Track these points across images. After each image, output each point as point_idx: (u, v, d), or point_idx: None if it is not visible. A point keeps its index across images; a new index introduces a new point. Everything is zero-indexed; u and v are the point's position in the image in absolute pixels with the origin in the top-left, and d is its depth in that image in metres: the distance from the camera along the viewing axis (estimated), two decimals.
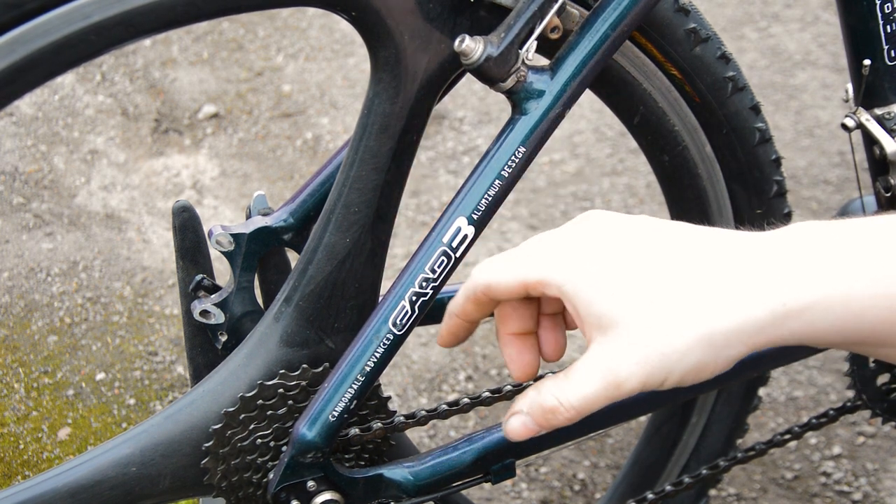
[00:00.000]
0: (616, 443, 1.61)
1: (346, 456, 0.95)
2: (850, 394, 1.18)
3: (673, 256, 0.61)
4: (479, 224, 0.84)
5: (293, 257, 0.93)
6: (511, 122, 0.84)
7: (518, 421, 0.65)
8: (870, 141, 1.04)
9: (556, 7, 0.82)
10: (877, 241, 0.58)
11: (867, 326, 0.58)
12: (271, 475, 0.91)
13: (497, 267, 0.67)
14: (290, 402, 0.90)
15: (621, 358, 0.60)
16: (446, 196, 2.04)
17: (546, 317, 0.72)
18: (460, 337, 0.75)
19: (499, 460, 0.97)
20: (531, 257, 0.65)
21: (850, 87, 1.05)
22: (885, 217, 0.60)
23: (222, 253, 0.92)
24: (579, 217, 0.66)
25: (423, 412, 0.94)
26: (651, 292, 0.60)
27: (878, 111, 1.02)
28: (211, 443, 0.89)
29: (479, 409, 1.65)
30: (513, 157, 0.84)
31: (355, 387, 0.86)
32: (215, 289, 0.95)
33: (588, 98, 1.11)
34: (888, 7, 0.98)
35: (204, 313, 0.93)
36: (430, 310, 0.87)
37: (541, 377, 0.69)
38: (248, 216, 0.95)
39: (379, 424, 0.93)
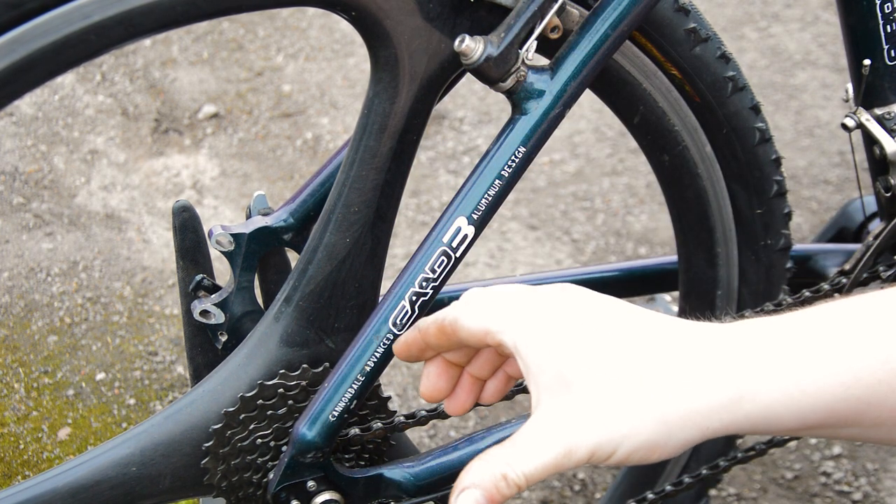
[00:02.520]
0: None
1: (346, 456, 0.95)
2: None
3: (633, 337, 0.61)
4: (479, 224, 0.84)
5: (293, 257, 0.93)
6: (511, 122, 0.84)
7: (470, 497, 0.61)
8: (870, 141, 1.04)
9: (556, 7, 0.82)
10: (826, 328, 0.59)
11: (824, 408, 0.58)
12: (271, 475, 0.91)
13: (472, 308, 0.66)
14: (291, 401, 0.90)
15: (572, 425, 0.59)
16: (446, 196, 2.04)
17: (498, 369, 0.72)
18: (412, 354, 0.74)
19: None
20: (498, 309, 0.64)
21: (850, 87, 1.05)
22: (834, 305, 0.61)
23: (222, 253, 0.92)
24: (556, 286, 0.65)
25: (423, 412, 0.94)
26: (608, 366, 0.59)
27: (878, 111, 1.02)
28: (211, 443, 0.89)
29: (479, 409, 1.65)
30: (513, 157, 0.84)
31: (355, 387, 0.86)
32: (215, 289, 0.95)
33: (588, 98, 1.11)
34: (888, 7, 0.98)
35: (204, 313, 0.93)
36: (431, 310, 0.87)
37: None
38: (248, 216, 0.95)
39: (379, 424, 0.93)
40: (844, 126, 1.03)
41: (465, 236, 0.84)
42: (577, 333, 0.61)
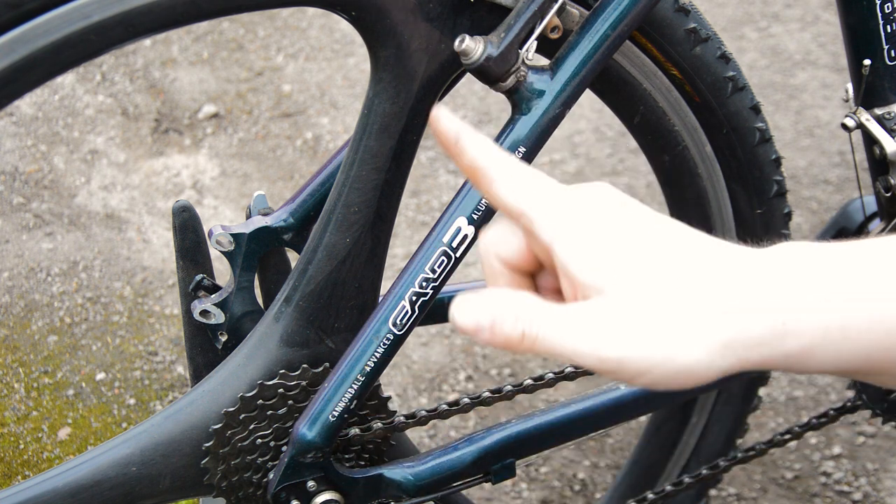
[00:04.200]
0: (616, 443, 1.61)
1: (347, 456, 0.95)
2: (850, 393, 1.18)
3: (676, 251, 0.58)
4: (480, 224, 0.84)
5: (293, 257, 0.93)
6: (511, 122, 0.84)
7: (471, 319, 0.58)
8: (870, 141, 1.04)
9: (556, 7, 0.82)
10: (873, 265, 0.57)
11: (863, 354, 0.56)
12: (271, 475, 0.91)
13: (514, 180, 0.60)
14: (291, 401, 0.90)
15: (608, 329, 0.55)
16: (446, 196, 2.04)
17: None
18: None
19: (499, 460, 0.97)
20: (537, 192, 0.59)
21: (850, 86, 1.05)
22: (879, 241, 0.58)
23: (222, 253, 0.92)
24: (594, 186, 0.61)
25: (424, 412, 0.94)
26: (650, 278, 0.56)
27: (878, 111, 1.02)
28: (211, 443, 0.89)
29: (479, 409, 1.65)
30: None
31: (355, 387, 0.86)
32: (215, 289, 0.95)
33: (588, 98, 1.11)
34: (888, 7, 0.98)
35: (204, 313, 0.93)
36: (431, 310, 0.87)
37: None
38: (248, 216, 0.95)
39: (379, 424, 0.93)
40: (844, 126, 1.03)
41: (466, 236, 0.84)
42: (617, 238, 0.58)
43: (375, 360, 0.85)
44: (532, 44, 0.82)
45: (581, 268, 0.57)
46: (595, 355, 0.55)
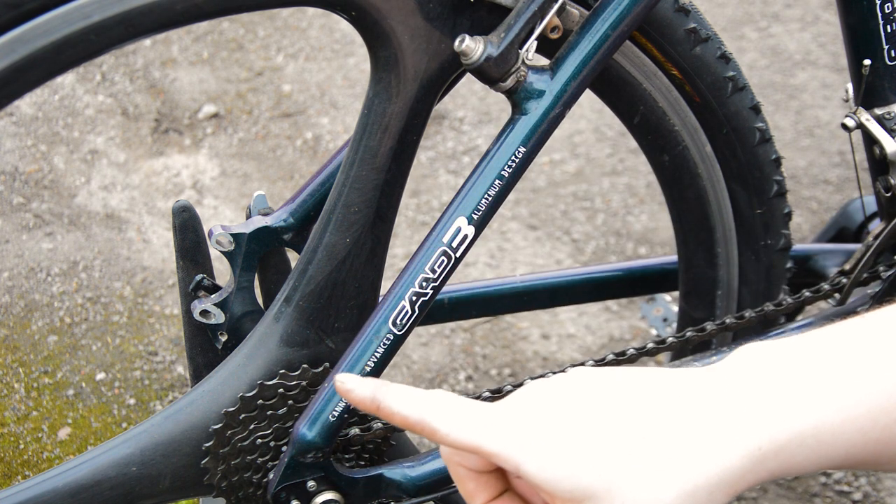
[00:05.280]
0: None
1: (347, 456, 0.95)
2: None
3: (636, 413, 0.56)
4: (480, 224, 0.84)
5: (293, 257, 0.93)
6: (511, 122, 0.84)
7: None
8: (870, 141, 1.04)
9: (556, 7, 0.82)
10: (835, 361, 0.56)
11: (840, 453, 0.56)
12: (271, 475, 0.91)
13: (455, 421, 0.57)
14: (291, 401, 0.90)
15: None
16: (446, 196, 2.04)
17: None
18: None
19: None
20: (488, 422, 0.57)
21: (850, 86, 1.05)
22: (832, 329, 0.58)
23: (222, 253, 0.92)
24: (527, 388, 0.59)
25: None
26: (622, 455, 0.55)
27: (878, 111, 1.02)
28: (211, 443, 0.89)
29: None
30: (513, 157, 0.84)
31: None
32: (215, 289, 0.95)
33: (588, 98, 1.11)
34: (888, 7, 0.98)
35: (204, 313, 0.93)
36: (430, 310, 0.87)
37: None
38: (248, 216, 0.95)
39: (379, 424, 0.93)
40: (844, 126, 1.03)
41: (465, 236, 0.84)
42: (577, 430, 0.56)
43: (375, 359, 0.85)
44: (532, 44, 0.82)
45: (559, 485, 0.55)
46: None
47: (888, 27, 0.99)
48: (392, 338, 0.85)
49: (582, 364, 0.95)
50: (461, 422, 0.57)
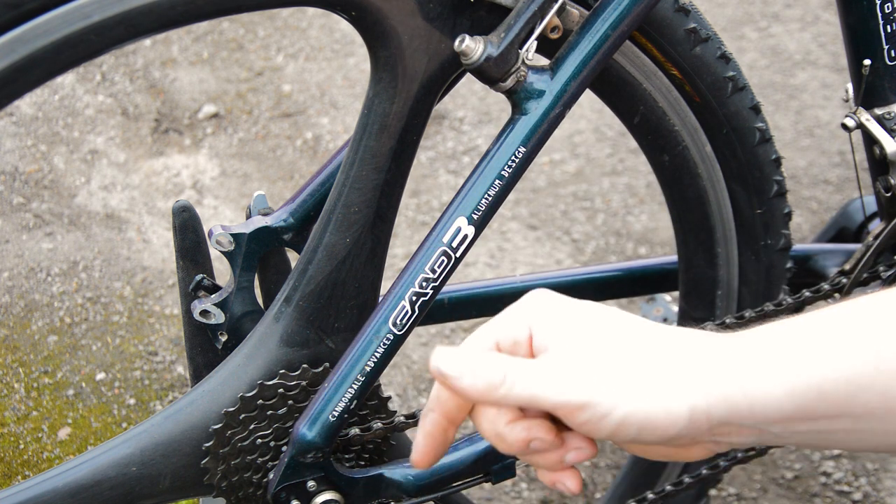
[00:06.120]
0: None
1: (347, 456, 0.95)
2: None
3: (638, 337, 0.62)
4: (480, 224, 0.84)
5: (293, 257, 0.93)
6: (511, 122, 0.84)
7: (453, 365, 0.60)
8: (870, 141, 1.04)
9: (556, 7, 0.82)
10: (822, 329, 0.60)
11: (814, 392, 0.59)
12: (271, 475, 0.91)
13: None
14: (291, 401, 0.90)
15: (573, 376, 0.59)
16: (446, 196, 2.04)
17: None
18: (437, 449, 0.66)
19: (499, 460, 0.97)
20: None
21: (850, 86, 1.05)
22: (819, 312, 0.62)
23: (222, 253, 0.92)
24: (524, 300, 0.64)
25: None
26: (616, 352, 0.60)
27: (878, 111, 1.02)
28: (211, 443, 0.89)
29: None
30: (513, 157, 0.84)
31: (355, 387, 0.86)
32: (215, 289, 0.95)
33: (588, 98, 1.11)
34: (888, 7, 0.98)
35: (204, 313, 0.93)
36: (430, 310, 0.87)
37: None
38: (248, 216, 0.95)
39: (379, 424, 0.93)
40: (844, 126, 1.03)
41: (465, 236, 0.84)
42: (587, 333, 0.61)
43: (375, 360, 0.85)
44: (532, 44, 0.82)
45: (554, 341, 0.61)
46: (562, 398, 0.59)
47: (888, 27, 0.99)
48: (392, 338, 0.85)
49: None
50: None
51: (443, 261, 0.84)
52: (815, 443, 0.62)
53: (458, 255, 0.84)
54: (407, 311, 0.85)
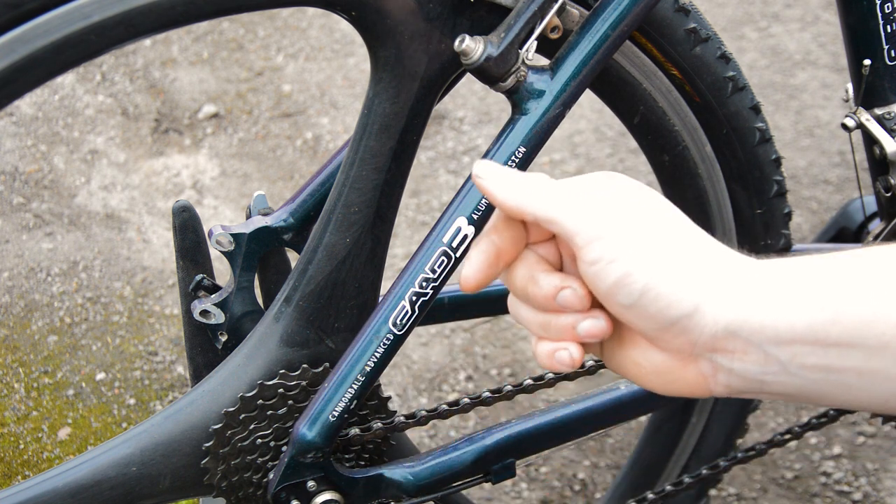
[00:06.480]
0: (616, 443, 1.61)
1: (347, 456, 0.95)
2: None
3: (671, 226, 0.62)
4: (480, 224, 0.84)
5: (293, 257, 0.93)
6: (511, 122, 0.84)
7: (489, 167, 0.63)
8: (870, 141, 1.04)
9: (556, 7, 0.82)
10: (865, 272, 0.60)
11: (828, 314, 0.58)
12: (271, 475, 0.91)
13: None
14: (291, 401, 0.90)
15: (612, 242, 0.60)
16: (446, 196, 2.04)
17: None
18: (487, 273, 0.65)
19: (499, 460, 0.97)
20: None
21: (850, 86, 1.05)
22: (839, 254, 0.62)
23: (222, 253, 0.92)
24: (598, 174, 0.65)
25: (424, 412, 0.94)
26: (651, 236, 0.61)
27: (878, 111, 1.02)
28: (211, 443, 0.89)
29: (479, 409, 1.65)
30: (513, 157, 0.84)
31: (355, 387, 0.86)
32: (215, 289, 0.95)
33: (588, 98, 1.11)
34: (888, 7, 0.98)
35: (204, 313, 0.93)
36: (430, 310, 0.87)
37: None
38: (248, 216, 0.95)
39: (379, 424, 0.93)
40: (844, 126, 1.03)
41: (466, 236, 0.84)
42: (624, 215, 0.62)
43: (375, 360, 0.85)
44: (532, 44, 0.82)
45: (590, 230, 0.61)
46: (583, 225, 0.60)
47: (888, 27, 0.99)
48: (392, 338, 0.85)
49: (583, 366, 0.96)
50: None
51: (443, 261, 0.84)
52: (820, 387, 0.60)
53: (458, 255, 0.84)
54: (407, 311, 0.85)
